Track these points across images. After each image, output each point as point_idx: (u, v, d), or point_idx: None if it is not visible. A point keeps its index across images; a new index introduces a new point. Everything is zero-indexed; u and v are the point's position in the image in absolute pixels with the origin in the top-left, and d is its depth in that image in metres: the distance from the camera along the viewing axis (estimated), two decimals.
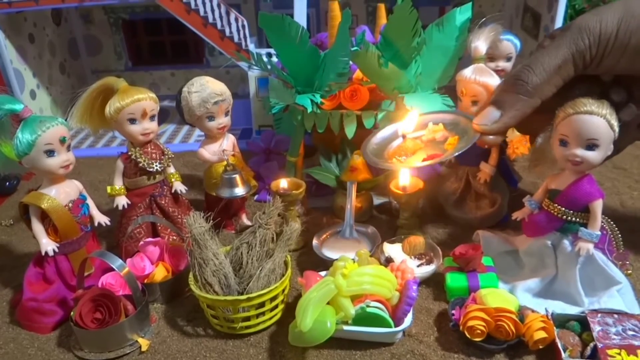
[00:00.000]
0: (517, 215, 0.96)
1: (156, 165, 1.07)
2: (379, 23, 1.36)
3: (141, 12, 2.01)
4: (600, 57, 0.80)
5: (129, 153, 1.05)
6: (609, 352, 0.75)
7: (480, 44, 1.07)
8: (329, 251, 1.04)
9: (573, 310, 0.86)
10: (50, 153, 0.89)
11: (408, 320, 0.84)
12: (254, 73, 1.64)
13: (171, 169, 1.12)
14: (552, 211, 0.88)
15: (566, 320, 0.83)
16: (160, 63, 2.11)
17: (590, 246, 0.86)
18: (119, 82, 1.03)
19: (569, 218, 0.87)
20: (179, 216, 1.11)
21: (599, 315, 0.82)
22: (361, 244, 1.05)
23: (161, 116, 1.09)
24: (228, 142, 1.18)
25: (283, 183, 1.10)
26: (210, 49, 2.06)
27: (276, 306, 0.89)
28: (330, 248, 1.06)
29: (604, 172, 1.36)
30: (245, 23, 1.62)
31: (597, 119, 0.79)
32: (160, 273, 0.98)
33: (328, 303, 0.82)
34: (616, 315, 0.82)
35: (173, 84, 2.11)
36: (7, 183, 1.44)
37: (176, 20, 1.60)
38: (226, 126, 1.15)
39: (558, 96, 0.83)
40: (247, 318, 0.86)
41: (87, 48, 2.08)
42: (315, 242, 1.07)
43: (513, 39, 1.28)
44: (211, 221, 0.88)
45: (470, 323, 0.80)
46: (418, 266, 0.98)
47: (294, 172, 1.26)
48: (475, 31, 1.09)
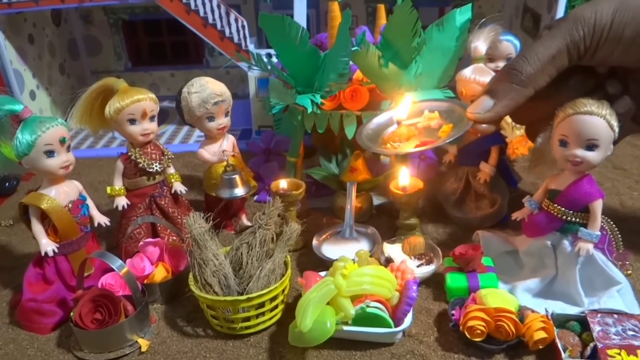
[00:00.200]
0: (517, 215, 0.96)
1: (156, 165, 1.07)
2: (379, 24, 1.36)
3: (141, 13, 2.02)
4: (594, 48, 0.80)
5: (129, 153, 1.05)
6: (609, 352, 0.75)
7: (480, 45, 1.07)
8: (329, 251, 1.04)
9: (573, 310, 0.86)
10: (50, 154, 0.89)
11: (408, 320, 0.84)
12: (254, 73, 1.64)
13: (171, 170, 1.12)
14: (552, 211, 0.88)
15: (566, 320, 0.83)
16: (160, 64, 2.12)
17: (590, 246, 0.86)
18: (119, 83, 1.03)
19: (569, 218, 0.87)
20: (179, 217, 1.11)
21: (599, 315, 0.82)
22: (361, 244, 1.05)
23: (161, 117, 1.09)
24: (228, 143, 1.18)
25: (283, 183, 1.10)
26: (210, 50, 2.06)
27: (276, 306, 0.89)
28: (330, 248, 1.06)
29: (604, 173, 1.36)
30: (245, 23, 1.62)
31: (597, 120, 0.79)
32: (160, 273, 0.98)
33: (328, 303, 0.82)
34: (616, 315, 0.82)
35: (173, 85, 2.11)
36: (7, 184, 1.44)
37: (176, 21, 1.60)
38: (226, 127, 1.15)
39: (553, 86, 0.83)
40: (247, 318, 0.86)
41: (87, 49, 2.08)
42: (315, 243, 1.07)
43: (513, 40, 1.28)
44: (211, 222, 0.88)
45: (470, 323, 0.80)
46: (418, 266, 0.98)
47: (294, 173, 1.26)
48: (475, 31, 1.09)
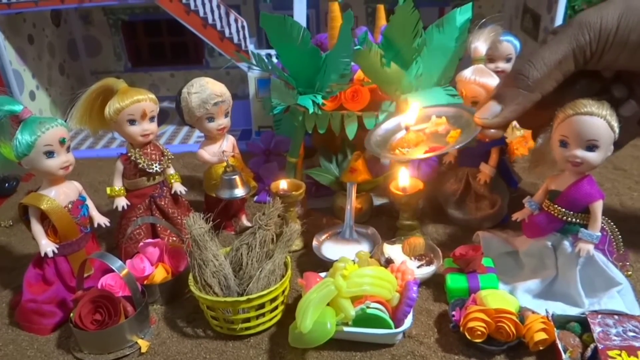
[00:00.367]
0: (517, 216, 0.96)
1: (156, 166, 1.07)
2: (379, 24, 1.36)
3: (141, 14, 2.01)
4: (600, 53, 0.80)
5: (129, 154, 1.05)
6: (610, 354, 0.75)
7: (480, 45, 1.07)
8: (329, 252, 1.04)
9: (573, 311, 0.86)
10: (49, 154, 0.89)
11: (408, 321, 0.83)
12: (254, 74, 1.64)
13: (171, 170, 1.12)
14: (552, 212, 0.88)
15: (566, 321, 0.83)
16: (159, 64, 2.12)
17: (590, 247, 0.86)
18: (119, 83, 1.03)
19: (569, 219, 0.87)
20: (179, 217, 1.11)
21: (600, 316, 0.82)
22: (361, 245, 1.05)
23: (161, 117, 1.09)
24: (228, 143, 1.18)
25: (283, 184, 1.10)
26: (209, 50, 2.06)
27: (276, 307, 0.89)
28: (330, 249, 1.06)
29: (604, 173, 1.36)
30: (244, 24, 1.62)
31: (597, 120, 0.79)
32: (159, 274, 0.98)
33: (328, 304, 0.81)
34: (616, 316, 0.82)
35: (172, 85, 2.10)
36: (7, 184, 1.44)
37: (176, 21, 1.60)
38: (226, 127, 1.15)
39: (559, 91, 0.83)
40: (247, 319, 0.86)
41: (87, 49, 2.08)
42: (315, 243, 1.06)
43: (513, 40, 1.28)
44: (211, 222, 0.88)
45: (470, 324, 0.80)
46: (418, 267, 0.98)
47: (294, 173, 1.26)
48: (475, 32, 1.09)
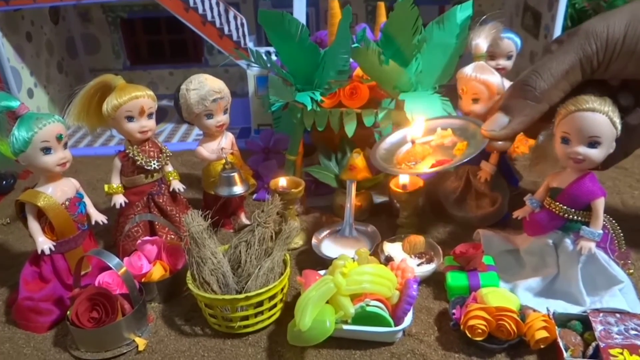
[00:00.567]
0: (518, 213, 0.95)
1: (154, 163, 1.06)
2: (379, 21, 1.35)
3: (139, 11, 2.01)
4: (607, 62, 0.80)
5: (127, 151, 1.05)
6: (611, 352, 0.74)
7: (481, 42, 1.06)
8: (328, 250, 1.04)
9: (575, 309, 0.86)
10: (46, 150, 0.88)
11: (408, 319, 0.83)
12: (253, 72, 1.63)
13: (169, 168, 1.11)
14: (554, 210, 0.88)
15: (568, 319, 0.82)
16: (158, 62, 2.10)
17: (592, 245, 0.85)
18: (117, 80, 1.02)
19: (571, 217, 0.86)
20: (177, 215, 1.11)
21: (601, 314, 0.81)
22: (361, 243, 1.05)
23: (159, 115, 1.09)
24: (227, 141, 1.17)
25: (282, 182, 1.10)
26: (209, 48, 2.05)
27: (275, 305, 0.88)
28: (329, 247, 1.05)
29: (605, 172, 1.35)
30: (244, 21, 1.61)
31: (599, 116, 0.79)
32: (157, 272, 0.97)
33: (327, 302, 0.81)
34: (618, 314, 0.81)
35: (171, 83, 2.10)
36: (4, 181, 1.43)
37: (175, 19, 1.59)
38: (225, 124, 1.14)
39: (565, 101, 0.83)
40: (246, 317, 0.86)
41: (85, 47, 2.07)
42: (314, 241, 1.06)
43: (514, 37, 1.27)
44: (209, 220, 0.88)
45: (471, 322, 0.80)
46: (418, 265, 0.97)
47: (293, 171, 1.25)
48: (476, 29, 1.08)
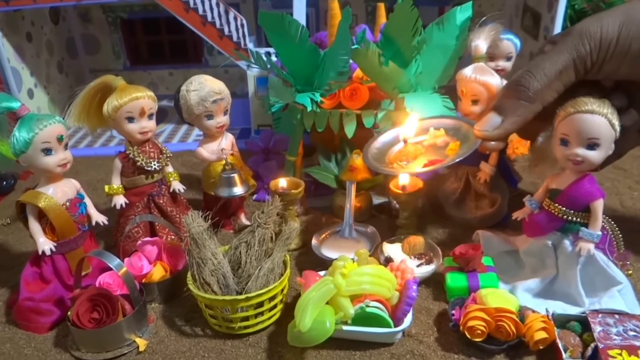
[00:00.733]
0: (518, 215, 0.96)
1: (154, 164, 1.06)
2: (379, 22, 1.35)
3: (140, 11, 2.01)
4: (601, 63, 0.80)
5: (127, 152, 1.05)
6: (610, 353, 0.74)
7: (480, 43, 1.06)
8: (328, 251, 1.04)
9: (574, 310, 0.86)
10: (47, 151, 0.88)
11: (408, 320, 0.83)
12: (253, 72, 1.63)
13: (169, 168, 1.12)
14: (553, 211, 0.88)
15: (567, 320, 0.82)
16: (158, 62, 2.11)
17: (591, 246, 0.85)
18: (117, 81, 1.02)
19: (570, 218, 0.87)
20: (177, 215, 1.11)
21: (600, 315, 0.81)
22: (360, 244, 1.05)
23: (159, 116, 1.09)
24: (227, 141, 1.18)
25: (282, 182, 1.10)
26: (209, 49, 2.05)
27: (275, 306, 0.89)
28: (329, 248, 1.05)
29: (604, 173, 1.35)
30: (244, 22, 1.61)
31: (598, 118, 0.79)
32: (158, 273, 0.97)
33: (327, 303, 0.81)
34: (617, 315, 0.81)
35: (171, 84, 2.10)
36: (4, 182, 1.43)
37: (175, 19, 1.59)
38: (225, 125, 1.15)
39: (559, 101, 0.83)
40: (246, 318, 0.86)
41: (85, 47, 2.07)
42: (314, 242, 1.06)
43: (513, 39, 1.27)
44: (209, 220, 0.88)
45: (470, 323, 0.80)
46: (418, 266, 0.98)
47: (293, 172, 1.25)
48: (475, 30, 1.09)
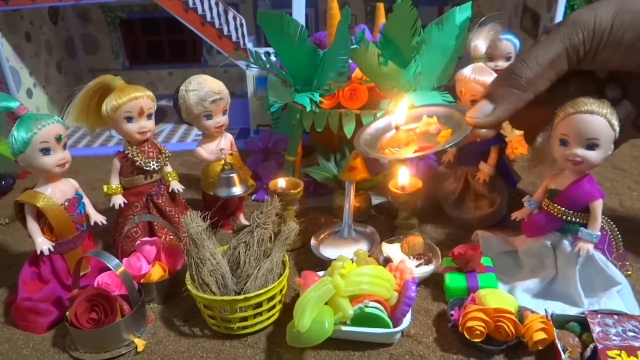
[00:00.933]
0: (517, 215, 0.96)
1: (153, 164, 1.06)
2: (378, 22, 1.35)
3: (139, 11, 2.01)
4: (594, 52, 0.80)
5: (126, 152, 1.05)
6: (609, 353, 0.74)
7: (479, 43, 1.07)
8: (327, 251, 1.04)
9: (573, 311, 0.86)
10: (46, 151, 0.88)
11: (407, 320, 0.83)
12: (252, 72, 1.63)
13: (168, 168, 1.11)
14: (552, 211, 0.88)
15: (566, 321, 0.82)
16: (157, 62, 2.11)
17: (590, 246, 0.85)
18: (116, 80, 1.02)
19: (569, 218, 0.87)
20: (176, 215, 1.11)
21: (599, 316, 0.81)
22: (359, 244, 1.05)
23: (158, 116, 1.09)
24: (226, 141, 1.17)
25: (281, 182, 1.10)
26: (208, 48, 2.05)
27: (274, 306, 0.88)
28: (328, 248, 1.05)
29: (603, 173, 1.36)
30: (243, 22, 1.61)
31: (598, 119, 0.79)
32: (156, 273, 0.97)
33: (326, 303, 0.81)
34: (616, 316, 0.81)
35: (170, 84, 2.10)
36: (3, 182, 1.43)
37: (174, 19, 1.59)
38: (224, 125, 1.15)
39: (552, 91, 0.83)
40: (245, 318, 0.86)
41: (84, 47, 2.07)
42: (313, 242, 1.06)
43: (512, 39, 1.28)
44: (208, 220, 0.88)
45: (469, 324, 0.80)
46: (417, 266, 0.97)
47: (292, 172, 1.25)
48: (474, 30, 1.09)
